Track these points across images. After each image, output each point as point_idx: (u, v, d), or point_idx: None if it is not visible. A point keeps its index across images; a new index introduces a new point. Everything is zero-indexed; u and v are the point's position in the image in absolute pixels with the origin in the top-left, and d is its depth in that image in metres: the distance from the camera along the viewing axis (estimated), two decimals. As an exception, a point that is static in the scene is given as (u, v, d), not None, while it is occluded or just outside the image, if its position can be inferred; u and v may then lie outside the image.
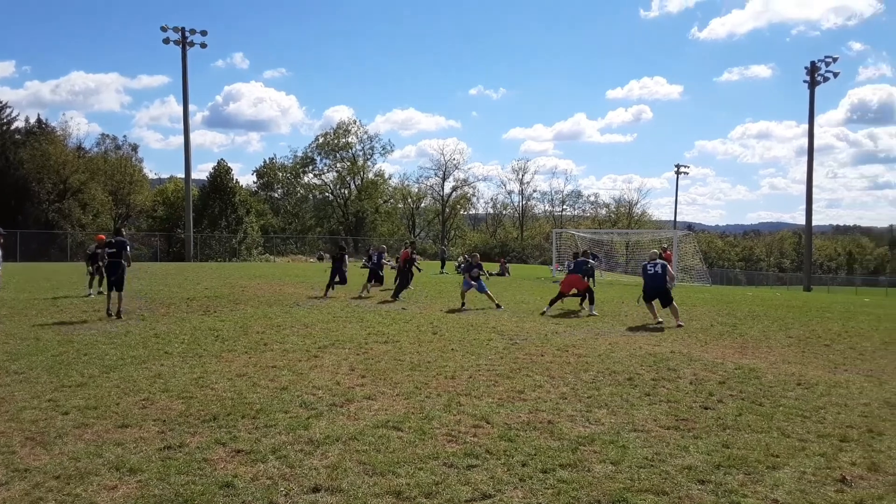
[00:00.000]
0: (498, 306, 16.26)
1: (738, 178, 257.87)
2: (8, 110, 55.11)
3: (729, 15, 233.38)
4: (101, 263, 17.53)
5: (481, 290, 16.61)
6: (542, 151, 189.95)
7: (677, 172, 73.82)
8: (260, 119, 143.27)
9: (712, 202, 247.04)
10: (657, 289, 14.01)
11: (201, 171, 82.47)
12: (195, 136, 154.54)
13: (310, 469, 4.87)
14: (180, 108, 45.94)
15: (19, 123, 56.80)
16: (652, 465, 5.11)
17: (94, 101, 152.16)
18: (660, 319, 14.02)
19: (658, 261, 14.61)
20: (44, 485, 4.49)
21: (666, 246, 27.03)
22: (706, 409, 6.88)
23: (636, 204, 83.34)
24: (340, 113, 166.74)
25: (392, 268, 22.27)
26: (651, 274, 14.21)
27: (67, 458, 4.98)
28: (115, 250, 13.82)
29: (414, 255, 21.37)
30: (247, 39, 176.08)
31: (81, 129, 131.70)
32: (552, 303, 15.85)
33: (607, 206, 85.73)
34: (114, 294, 13.54)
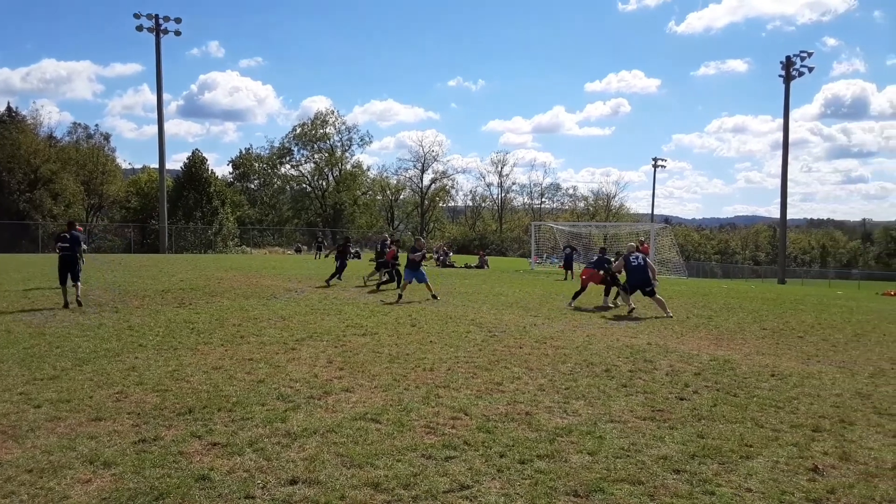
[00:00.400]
0: (434, 297, 16.24)
1: (715, 171, 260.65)
2: (-23, 98, 53.93)
3: (706, 9, 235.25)
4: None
5: (421, 279, 16.62)
6: (521, 144, 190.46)
7: (655, 166, 74.45)
8: (236, 109, 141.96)
9: (689, 195, 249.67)
10: (643, 281, 14.43)
11: (176, 162, 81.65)
12: (170, 126, 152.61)
13: (287, 461, 4.84)
14: (154, 97, 45.30)
15: (-12, 112, 55.59)
16: (628, 456, 5.15)
17: (65, 89, 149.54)
18: (633, 305, 14.60)
19: (639, 253, 15.00)
20: (16, 479, 4.41)
21: (643, 239, 27.28)
22: (682, 399, 6.96)
23: (614, 197, 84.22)
24: (318, 103, 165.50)
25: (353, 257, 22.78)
26: (635, 266, 14.57)
27: (40, 452, 4.90)
28: (68, 245, 13.75)
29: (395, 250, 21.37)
30: (222, 28, 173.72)
31: (53, 117, 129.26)
32: (575, 296, 15.93)
33: (586, 198, 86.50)
34: (70, 286, 13.56)
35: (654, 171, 74.54)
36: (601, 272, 16.33)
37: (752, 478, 4.79)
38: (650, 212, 76.29)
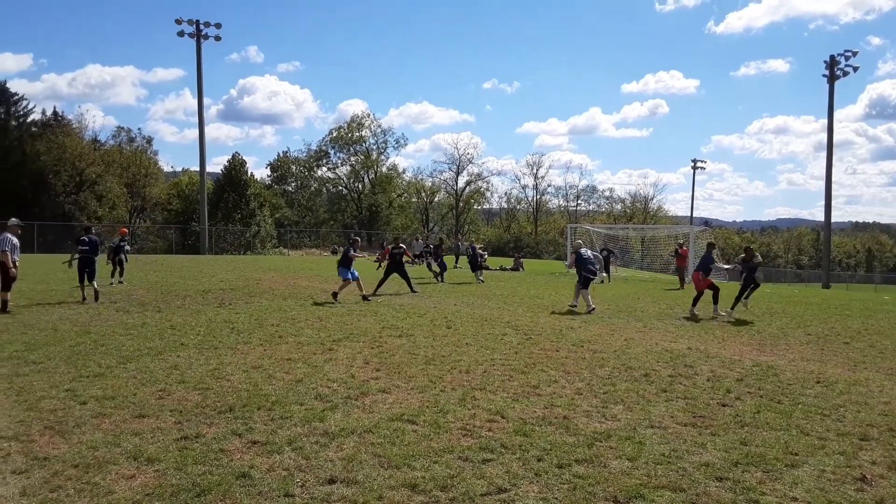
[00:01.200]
0: (365, 298, 16.17)
1: (756, 173, 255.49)
2: (24, 102, 55.59)
3: (746, 9, 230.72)
4: (123, 256, 19.78)
5: (354, 278, 16.57)
6: (556, 146, 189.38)
7: (694, 167, 73.27)
8: (274, 112, 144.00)
9: (729, 198, 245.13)
10: (592, 272, 15.95)
11: (216, 165, 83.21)
12: (210, 130, 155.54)
13: (325, 461, 4.87)
14: (195, 102, 46.20)
15: (36, 116, 57.32)
16: (669, 462, 5.07)
17: (109, 94, 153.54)
18: (574, 304, 15.60)
19: (587, 248, 16.96)
20: (63, 473, 4.52)
21: (682, 242, 26.81)
22: (724, 406, 6.82)
23: (652, 199, 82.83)
24: (354, 106, 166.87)
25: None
26: (585, 258, 16.04)
27: (86, 448, 5.02)
28: (87, 247, 14.90)
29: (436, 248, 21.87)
30: (261, 33, 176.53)
31: (97, 121, 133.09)
32: (694, 302, 15.06)
33: (622, 201, 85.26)
34: (87, 284, 14.67)
35: (694, 172, 73.44)
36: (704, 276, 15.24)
37: (798, 487, 4.66)
38: (689, 214, 75.11)
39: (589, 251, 16.97)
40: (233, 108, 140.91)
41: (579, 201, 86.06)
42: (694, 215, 74.31)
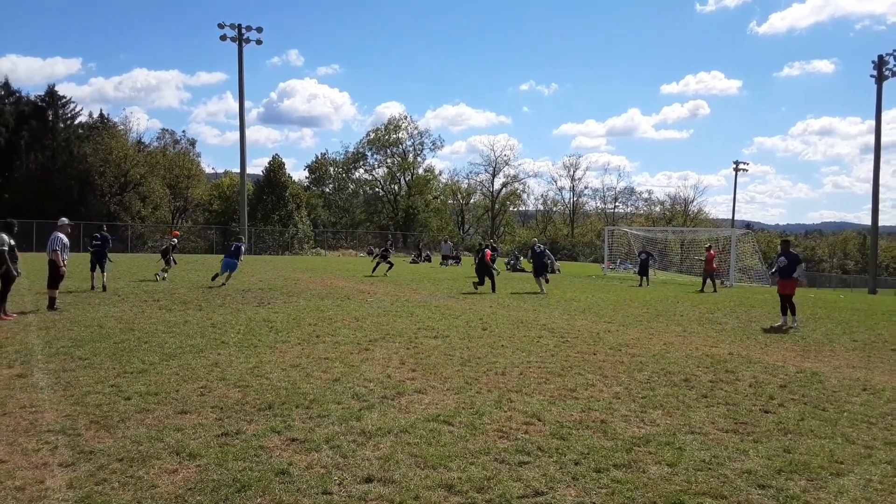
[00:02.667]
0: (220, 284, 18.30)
1: (800, 175, 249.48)
2: (72, 105, 57.35)
3: (789, 9, 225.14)
4: (171, 256, 21.13)
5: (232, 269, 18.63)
6: (594, 147, 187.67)
7: (736, 169, 71.79)
8: (313, 115, 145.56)
9: (772, 200, 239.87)
10: (542, 265, 20.18)
11: (256, 167, 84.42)
12: (250, 132, 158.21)
13: (362, 459, 4.91)
14: (236, 105, 47.00)
15: (83, 118, 59.09)
16: (710, 468, 4.97)
17: (154, 97, 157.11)
18: (544, 292, 19.25)
19: (541, 245, 21.50)
20: (108, 467, 4.64)
21: (709, 245, 26.61)
22: (766, 412, 6.67)
23: (692, 201, 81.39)
24: (391, 109, 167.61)
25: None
26: (538, 253, 20.53)
27: (130, 442, 5.14)
28: (100, 243, 17.04)
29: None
30: (302, 36, 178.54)
31: (142, 124, 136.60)
32: (783, 311, 13.98)
33: (662, 203, 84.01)
34: (98, 273, 16.76)
35: (735, 174, 71.96)
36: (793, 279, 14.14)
37: (843, 496, 4.54)
38: (731, 217, 73.69)
39: (542, 246, 21.56)
40: (273, 111, 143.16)
41: (617, 203, 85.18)
42: (735, 218, 72.87)
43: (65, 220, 14.00)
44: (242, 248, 19.31)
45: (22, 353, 8.40)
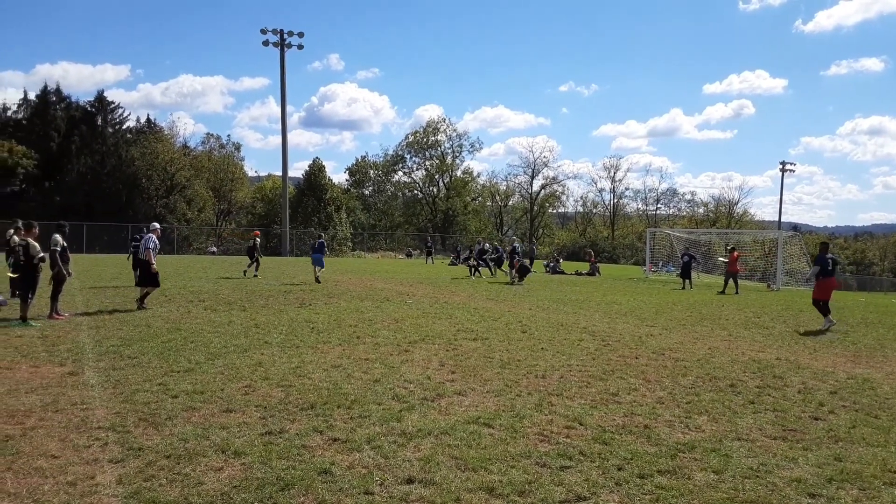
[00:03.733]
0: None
1: (849, 176, 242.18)
2: (120, 111, 59.07)
3: (836, 7, 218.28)
4: (257, 254, 23.08)
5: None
6: (635, 148, 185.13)
7: (782, 170, 70.15)
8: (353, 119, 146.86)
9: (820, 202, 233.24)
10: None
11: (297, 170, 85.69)
12: (292, 136, 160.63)
13: (403, 461, 4.92)
14: (278, 109, 47.75)
15: (130, 123, 60.83)
16: (757, 476, 4.85)
17: (199, 102, 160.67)
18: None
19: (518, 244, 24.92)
20: (156, 463, 4.74)
21: (733, 247, 26.36)
22: (816, 419, 6.48)
23: (737, 203, 79.61)
24: (430, 111, 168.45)
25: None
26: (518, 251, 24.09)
27: (177, 439, 5.25)
28: (139, 244, 16.44)
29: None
30: (342, 41, 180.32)
31: (188, 128, 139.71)
32: (825, 314, 13.70)
33: (705, 204, 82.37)
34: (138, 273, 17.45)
35: (782, 175, 70.34)
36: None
37: (901, 509, 4.38)
38: (777, 219, 71.97)
39: (519, 245, 25.44)
40: (314, 115, 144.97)
41: (659, 205, 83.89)
42: (782, 220, 71.13)
43: (156, 224, 14.89)
44: (325, 244, 22.37)
45: (73, 352, 8.66)
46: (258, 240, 24.24)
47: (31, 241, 11.25)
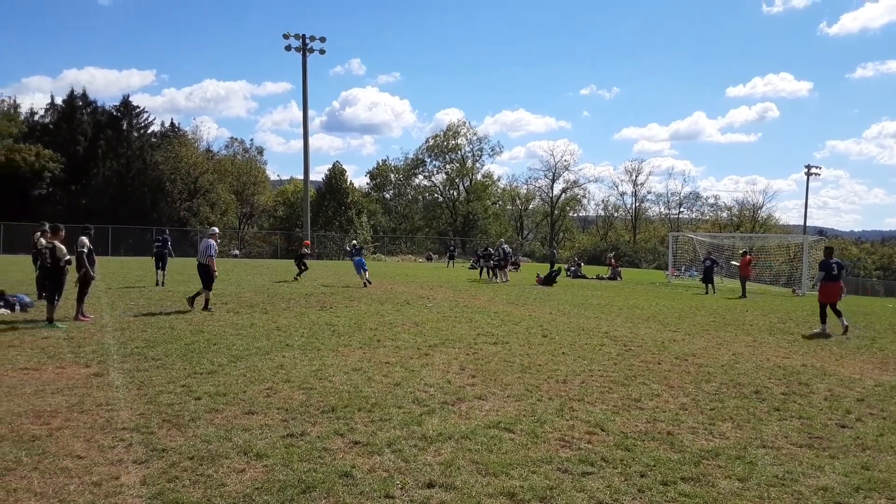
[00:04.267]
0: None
1: (876, 180, 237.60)
2: (145, 115, 59.99)
3: (861, 9, 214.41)
4: (305, 262, 24.38)
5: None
6: (657, 152, 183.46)
7: (808, 174, 69.27)
8: (374, 123, 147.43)
9: (846, 206, 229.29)
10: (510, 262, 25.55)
11: (318, 173, 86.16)
12: (314, 140, 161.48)
13: (424, 465, 4.92)
14: (300, 113, 48.11)
15: (155, 127, 61.72)
16: (783, 484, 4.78)
17: (223, 107, 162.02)
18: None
19: (506, 245, 27.00)
20: (179, 464, 4.79)
21: (745, 251, 26.71)
22: (843, 427, 6.37)
23: (761, 207, 78.63)
24: (450, 115, 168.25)
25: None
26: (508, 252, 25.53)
27: (200, 441, 5.30)
28: (160, 244, 19.85)
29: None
30: (363, 45, 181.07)
31: (211, 133, 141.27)
32: (827, 318, 13.80)
33: (729, 208, 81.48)
34: (159, 272, 19.49)
35: (807, 179, 69.48)
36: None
37: (933, 520, 4.28)
38: (802, 223, 70.98)
39: (508, 247, 27.72)
40: (335, 119, 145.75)
41: (681, 209, 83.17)
42: (807, 224, 70.15)
43: (215, 229, 15.42)
44: (363, 249, 24.63)
45: (98, 353, 8.78)
46: (307, 250, 26.05)
47: (57, 243, 11.44)
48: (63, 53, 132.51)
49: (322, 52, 45.96)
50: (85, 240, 12.13)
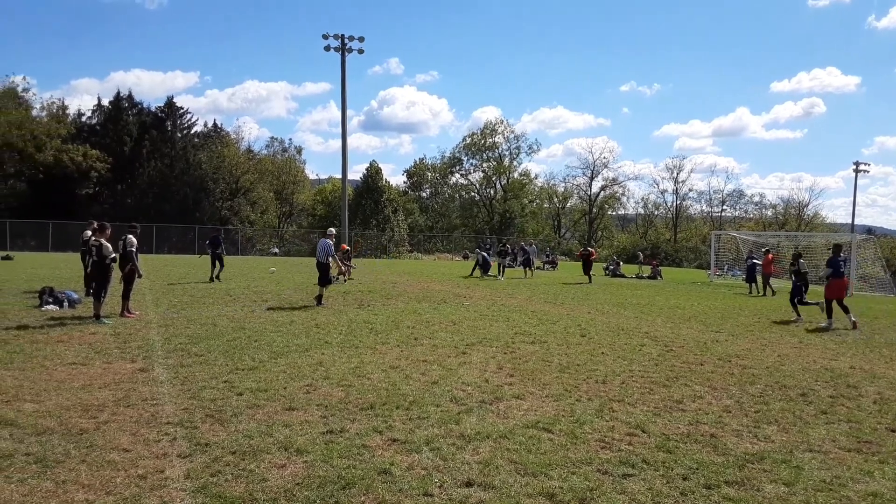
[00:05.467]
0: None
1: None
2: (188, 116, 61.19)
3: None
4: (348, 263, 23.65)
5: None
6: (699, 149, 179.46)
7: (856, 171, 67.13)
8: (411, 122, 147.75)
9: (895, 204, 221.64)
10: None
11: (355, 172, 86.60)
12: (352, 140, 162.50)
13: (462, 463, 4.91)
14: (339, 113, 48.54)
15: (198, 128, 62.99)
16: (830, 490, 4.64)
17: (264, 107, 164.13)
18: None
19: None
20: (222, 459, 4.87)
21: (768, 248, 26.26)
22: (893, 431, 6.17)
23: (807, 205, 76.53)
24: (488, 113, 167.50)
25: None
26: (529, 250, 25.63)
27: (242, 436, 5.38)
28: (212, 244, 20.54)
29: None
30: (402, 45, 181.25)
31: (252, 133, 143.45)
32: (830, 314, 14.16)
33: (773, 206, 79.50)
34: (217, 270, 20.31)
35: (855, 176, 67.31)
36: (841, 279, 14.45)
37: None
38: (850, 221, 68.92)
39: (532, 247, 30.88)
40: (373, 119, 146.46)
41: (724, 207, 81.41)
42: (855, 223, 68.07)
43: (332, 230, 16.27)
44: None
45: (144, 349, 8.99)
46: (349, 250, 26.50)
47: (103, 241, 11.74)
48: (110, 56, 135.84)
49: (361, 51, 46.21)
50: (132, 238, 12.43)
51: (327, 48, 45.55)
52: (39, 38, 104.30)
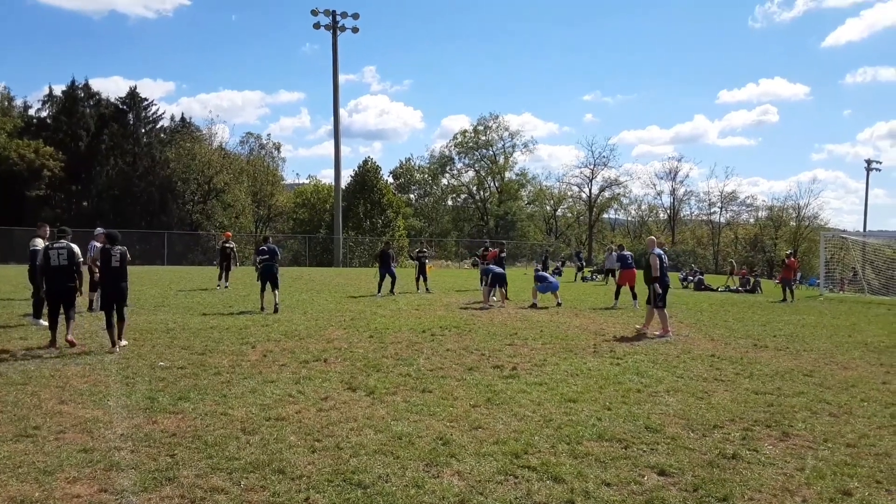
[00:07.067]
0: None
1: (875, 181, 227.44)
2: (154, 108, 53.97)
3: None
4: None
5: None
6: (658, 155, 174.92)
7: (867, 169, 63.55)
8: (382, 129, 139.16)
9: (848, 206, 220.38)
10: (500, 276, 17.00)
11: (326, 178, 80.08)
12: (322, 148, 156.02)
13: None
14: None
15: (165, 122, 55.96)
16: None
17: (237, 116, 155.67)
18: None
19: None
20: None
21: (790, 252, 25.40)
22: None
23: (807, 205, 72.08)
24: (457, 122, 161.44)
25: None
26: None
27: None
28: (267, 256, 14.63)
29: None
30: (373, 54, 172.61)
31: (224, 134, 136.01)
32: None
33: (769, 207, 75.32)
34: (269, 293, 14.37)
35: (867, 174, 63.71)
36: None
37: None
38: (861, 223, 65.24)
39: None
40: (344, 126, 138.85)
41: (721, 209, 77.00)
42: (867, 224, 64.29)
43: (100, 229, 12.57)
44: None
45: None
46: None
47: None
48: (80, 64, 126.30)
49: (355, 30, 40.58)
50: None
51: (317, 25, 39.90)
52: (13, 47, 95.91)
